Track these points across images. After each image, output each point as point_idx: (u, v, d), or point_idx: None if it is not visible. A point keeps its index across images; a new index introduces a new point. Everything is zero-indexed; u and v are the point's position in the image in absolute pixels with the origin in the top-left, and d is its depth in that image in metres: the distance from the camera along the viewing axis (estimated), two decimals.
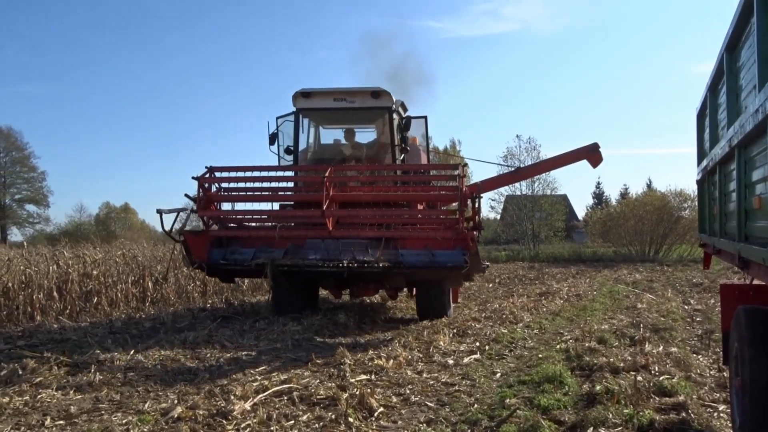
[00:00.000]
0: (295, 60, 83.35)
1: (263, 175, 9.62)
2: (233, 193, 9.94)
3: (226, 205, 10.12)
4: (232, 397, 5.16)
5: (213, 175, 9.59)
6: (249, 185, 9.70)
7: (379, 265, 8.65)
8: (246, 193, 9.91)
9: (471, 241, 8.57)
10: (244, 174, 9.56)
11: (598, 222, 32.83)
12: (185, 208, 9.90)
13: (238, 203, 10.18)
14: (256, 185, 9.69)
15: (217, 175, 9.62)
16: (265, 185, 9.75)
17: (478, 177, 11.16)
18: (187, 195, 9.62)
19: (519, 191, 38.20)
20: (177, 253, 10.47)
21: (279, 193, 10.14)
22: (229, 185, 9.81)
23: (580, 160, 12.91)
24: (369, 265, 8.67)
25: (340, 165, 10.21)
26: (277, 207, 10.34)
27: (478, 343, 7.85)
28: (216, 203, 9.82)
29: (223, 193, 9.84)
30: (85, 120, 79.07)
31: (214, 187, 9.69)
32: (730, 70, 4.40)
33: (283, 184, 10.28)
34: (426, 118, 11.61)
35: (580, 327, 9.01)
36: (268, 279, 8.92)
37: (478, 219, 9.20)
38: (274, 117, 10.77)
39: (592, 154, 12.78)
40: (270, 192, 9.92)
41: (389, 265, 8.69)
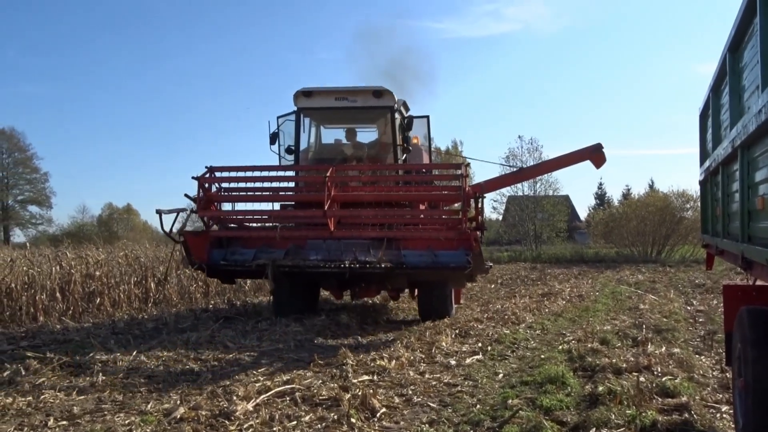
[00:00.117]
0: (296, 60, 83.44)
1: (264, 175, 9.54)
2: (234, 193, 9.86)
3: (227, 206, 10.05)
4: (235, 398, 5.17)
5: (213, 175, 9.50)
6: (249, 185, 9.62)
7: (381, 265, 8.59)
8: (246, 193, 9.82)
9: (474, 241, 8.49)
10: (244, 174, 9.47)
11: (601, 223, 32.79)
12: (185, 209, 9.82)
13: (238, 203, 10.12)
14: (256, 185, 9.60)
15: (217, 175, 9.54)
16: (265, 185, 9.66)
17: (481, 178, 11.18)
18: (187, 195, 9.57)
19: (521, 192, 38.18)
20: (177, 254, 10.42)
21: (280, 193, 10.06)
22: (229, 185, 9.73)
23: (583, 160, 12.85)
24: (371, 265, 8.62)
25: (341, 165, 10.13)
26: (278, 207, 10.27)
27: (480, 344, 7.85)
28: (216, 203, 9.75)
29: (223, 193, 9.77)
30: (87, 120, 79.21)
31: (215, 187, 9.62)
32: (733, 70, 4.40)
33: (284, 184, 10.21)
34: (428, 118, 11.53)
35: (582, 328, 9.00)
36: (269, 280, 8.85)
37: (481, 219, 9.11)
38: (275, 116, 10.71)
39: (595, 154, 12.72)
40: (271, 192, 9.83)
41: (391, 265, 8.64)
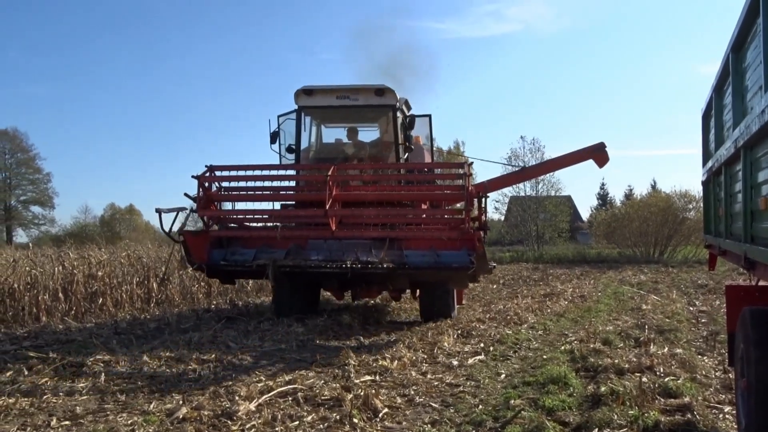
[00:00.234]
0: (297, 60, 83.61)
1: (264, 174, 9.45)
2: (234, 193, 9.76)
3: (227, 205, 9.96)
4: (237, 398, 5.18)
5: (213, 174, 9.38)
6: (250, 184, 9.52)
7: (383, 265, 8.52)
8: (247, 192, 9.71)
9: (478, 241, 8.39)
10: (245, 173, 9.35)
11: (603, 223, 32.79)
12: (184, 208, 9.66)
13: (238, 203, 10.03)
14: (257, 184, 9.49)
15: (217, 174, 9.41)
16: (266, 184, 9.55)
17: (483, 178, 11.14)
18: (186, 194, 9.38)
19: (523, 192, 38.23)
20: (176, 254, 10.32)
21: (280, 192, 9.95)
22: (229, 184, 9.61)
23: (585, 159, 12.80)
24: (373, 266, 8.54)
25: (343, 164, 10.04)
26: (279, 207, 10.16)
27: (482, 344, 7.84)
28: (216, 203, 9.66)
29: (223, 193, 9.66)
30: (89, 121, 79.50)
31: (215, 187, 9.50)
32: (736, 70, 4.39)
33: (285, 184, 10.06)
34: (430, 117, 11.45)
35: (584, 328, 8.99)
36: (270, 280, 8.77)
37: (484, 219, 9.00)
38: (275, 115, 10.61)
39: (598, 153, 12.67)
40: (271, 191, 9.70)
41: (393, 266, 8.56)
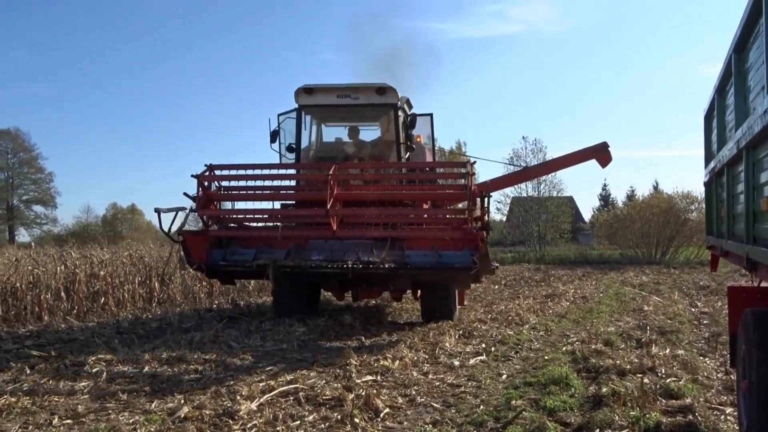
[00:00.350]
0: (298, 60, 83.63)
1: (264, 173, 9.34)
2: (234, 192, 9.65)
3: (227, 205, 9.87)
4: (239, 397, 5.19)
5: (213, 174, 9.26)
6: (250, 184, 9.37)
7: (385, 266, 8.45)
8: (247, 191, 9.59)
9: (481, 241, 8.30)
10: (245, 172, 9.23)
11: (605, 224, 32.76)
12: (184, 208, 9.50)
13: (238, 202, 9.94)
14: (257, 184, 9.36)
15: (217, 173, 9.29)
16: (266, 184, 9.40)
17: (485, 178, 11.08)
18: (186, 194, 9.25)
19: (525, 193, 38.10)
20: (175, 255, 10.28)
21: (281, 192, 9.77)
22: (229, 184, 9.50)
23: (588, 159, 12.75)
24: (374, 266, 8.47)
25: (344, 163, 9.96)
26: (279, 206, 10.05)
27: (484, 345, 7.84)
28: (216, 202, 9.58)
29: (223, 192, 9.56)
30: (91, 121, 79.46)
31: (214, 186, 9.39)
32: (738, 71, 4.39)
33: (285, 183, 9.90)
34: (431, 116, 11.35)
35: (586, 329, 8.99)
36: (270, 280, 8.69)
37: (486, 219, 8.89)
38: (275, 114, 10.49)
39: (601, 153, 12.63)
40: (271, 191, 9.55)
41: (395, 266, 8.50)
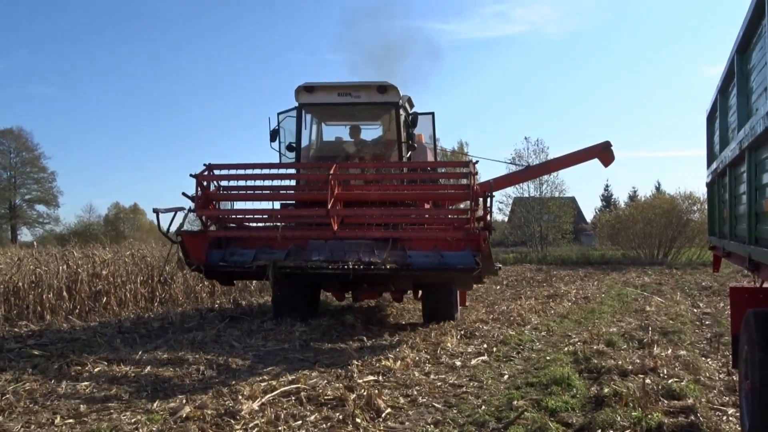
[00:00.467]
0: (301, 60, 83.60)
1: (264, 173, 9.20)
2: (233, 192, 9.48)
3: (226, 204, 9.74)
4: (240, 397, 5.19)
5: (212, 173, 9.09)
6: (249, 183, 9.19)
7: (386, 266, 8.34)
8: (246, 191, 9.39)
9: (483, 241, 8.17)
10: (244, 172, 9.08)
11: (607, 224, 32.69)
12: (182, 208, 9.28)
13: (238, 202, 9.79)
14: (257, 183, 9.20)
15: (216, 172, 9.12)
16: (266, 183, 9.23)
17: (487, 178, 10.99)
18: (185, 194, 9.06)
19: (527, 193, 38.08)
20: (173, 255, 10.07)
21: (281, 191, 9.58)
22: (228, 183, 9.31)
23: (591, 158, 12.70)
24: (375, 267, 8.36)
25: (345, 162, 9.87)
26: (279, 206, 9.89)
27: (485, 345, 7.84)
28: (215, 202, 9.40)
29: (222, 192, 9.37)
30: (94, 120, 79.49)
31: (213, 186, 9.21)
32: (741, 72, 4.39)
33: (285, 183, 9.74)
34: (433, 115, 11.24)
35: (588, 329, 8.98)
36: (270, 281, 8.58)
37: (489, 219, 8.71)
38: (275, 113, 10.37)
39: (603, 152, 12.58)
40: (271, 191, 9.36)
41: (396, 267, 8.38)
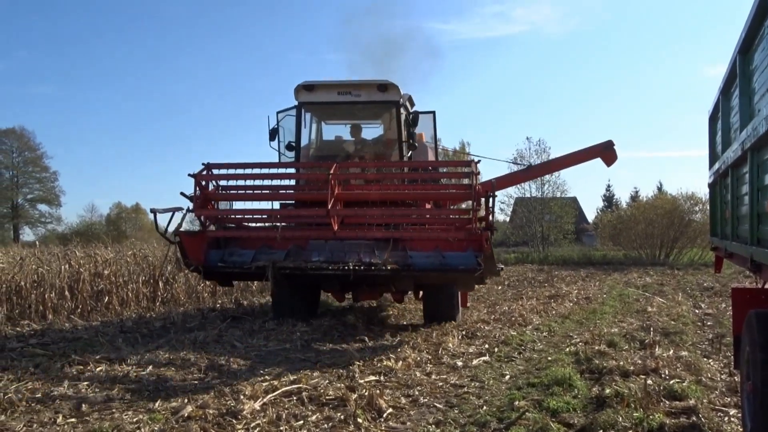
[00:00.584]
0: (303, 60, 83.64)
1: (263, 172, 9.08)
2: (232, 192, 9.36)
3: (225, 204, 9.67)
4: (242, 397, 5.20)
5: (210, 173, 8.96)
6: (249, 183, 9.03)
7: (387, 267, 8.26)
8: (245, 191, 9.25)
9: (486, 242, 8.11)
10: (243, 171, 8.92)
11: (608, 225, 32.69)
12: (181, 208, 9.14)
13: (237, 202, 9.70)
14: (256, 183, 9.05)
15: (214, 172, 8.99)
16: (265, 183, 9.12)
17: (488, 178, 10.91)
18: (183, 194, 8.93)
19: (528, 193, 38.09)
20: (172, 255, 9.96)
21: (280, 191, 9.48)
22: (227, 183, 9.19)
23: (594, 158, 12.64)
24: (376, 267, 8.28)
25: (345, 162, 9.79)
26: (278, 206, 9.81)
27: (487, 345, 7.84)
28: (214, 202, 9.27)
29: (221, 192, 9.26)
30: (96, 120, 79.64)
31: (212, 185, 9.10)
32: (743, 72, 4.38)
33: (285, 182, 9.64)
34: (434, 114, 11.15)
35: (589, 330, 8.98)
36: (269, 282, 8.49)
37: (491, 219, 8.59)
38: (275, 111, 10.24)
39: (606, 152, 12.53)
40: (271, 190, 9.26)
41: (397, 267, 8.31)
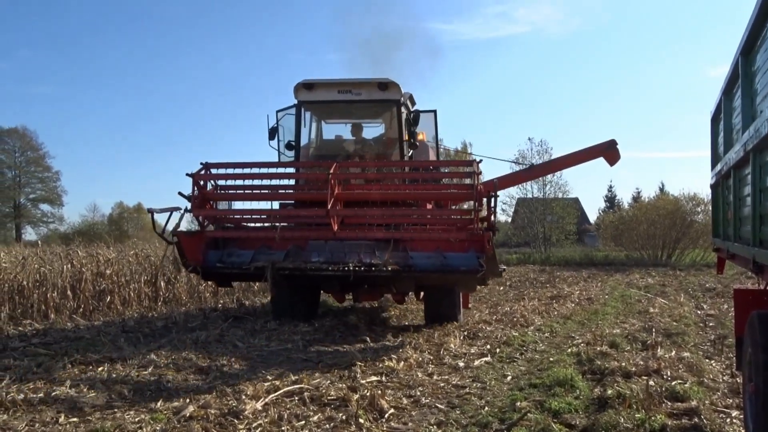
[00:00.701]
0: (303, 60, 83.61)
1: (263, 172, 8.97)
2: (230, 191, 9.26)
3: (223, 204, 9.52)
4: (244, 397, 5.21)
5: (209, 172, 8.83)
6: (247, 183, 8.91)
7: (388, 268, 8.18)
8: (244, 191, 9.12)
9: (487, 242, 8.00)
10: (242, 171, 8.80)
11: (610, 225, 32.69)
12: (178, 208, 8.91)
13: (235, 202, 9.62)
14: (255, 183, 8.94)
15: (213, 171, 8.86)
16: (264, 183, 9.03)
17: (489, 178, 10.82)
18: (181, 193, 8.78)
19: (530, 194, 38.00)
20: (169, 255, 9.86)
21: (279, 191, 9.38)
22: (226, 183, 9.06)
23: (596, 157, 12.55)
24: (377, 268, 8.19)
25: (345, 161, 9.70)
26: (277, 206, 9.61)
27: (488, 346, 7.84)
28: (212, 202, 9.16)
29: (219, 191, 9.14)
30: (98, 120, 79.72)
31: (210, 185, 8.97)
32: (746, 73, 4.38)
33: (284, 182, 9.56)
34: (435, 113, 11.05)
35: (591, 331, 8.97)
36: (269, 283, 8.41)
37: (493, 219, 8.51)
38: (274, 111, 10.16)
39: (609, 151, 12.44)
40: (270, 190, 9.15)
41: (398, 268, 8.23)
